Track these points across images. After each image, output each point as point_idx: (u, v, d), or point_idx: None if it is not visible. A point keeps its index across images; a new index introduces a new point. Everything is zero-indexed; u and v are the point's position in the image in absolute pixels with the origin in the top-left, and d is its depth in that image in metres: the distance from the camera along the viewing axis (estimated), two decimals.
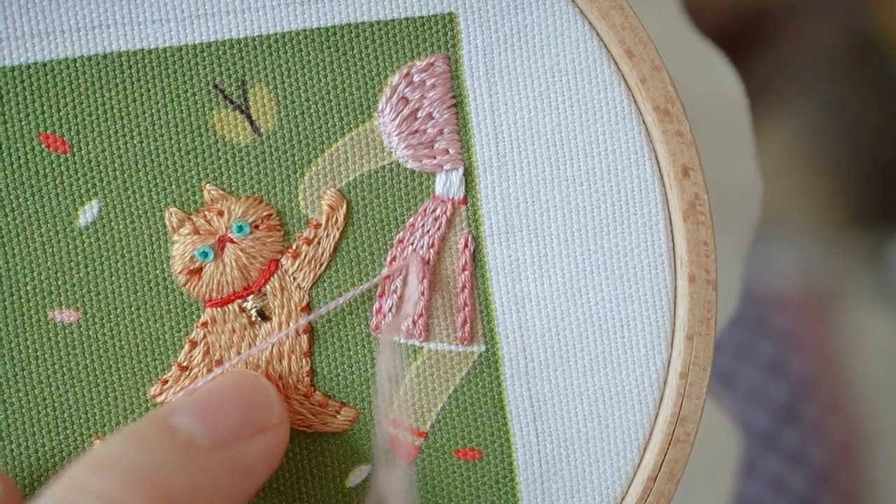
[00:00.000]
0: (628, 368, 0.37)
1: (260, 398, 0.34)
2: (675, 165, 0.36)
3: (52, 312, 0.36)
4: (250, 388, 0.34)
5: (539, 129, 0.36)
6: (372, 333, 0.37)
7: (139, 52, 0.35)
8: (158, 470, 0.30)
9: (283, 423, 0.34)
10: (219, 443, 0.32)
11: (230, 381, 0.35)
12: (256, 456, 0.33)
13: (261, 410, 0.34)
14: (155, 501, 0.29)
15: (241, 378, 0.35)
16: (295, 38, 0.36)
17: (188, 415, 0.33)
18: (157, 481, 0.30)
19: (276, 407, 0.34)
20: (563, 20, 0.36)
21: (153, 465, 0.30)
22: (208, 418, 0.33)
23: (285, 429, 0.34)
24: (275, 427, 0.34)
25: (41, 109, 0.35)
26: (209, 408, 0.33)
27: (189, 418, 0.32)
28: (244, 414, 0.33)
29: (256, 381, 0.35)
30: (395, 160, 0.36)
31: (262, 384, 0.35)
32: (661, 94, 0.36)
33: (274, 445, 0.34)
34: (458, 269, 0.37)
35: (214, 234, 0.36)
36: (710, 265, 0.36)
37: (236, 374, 0.36)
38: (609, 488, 0.37)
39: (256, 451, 0.33)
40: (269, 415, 0.34)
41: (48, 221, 0.36)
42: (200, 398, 0.33)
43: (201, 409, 0.33)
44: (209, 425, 0.32)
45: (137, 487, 0.29)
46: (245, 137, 0.36)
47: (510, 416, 0.37)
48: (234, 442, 0.32)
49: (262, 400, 0.34)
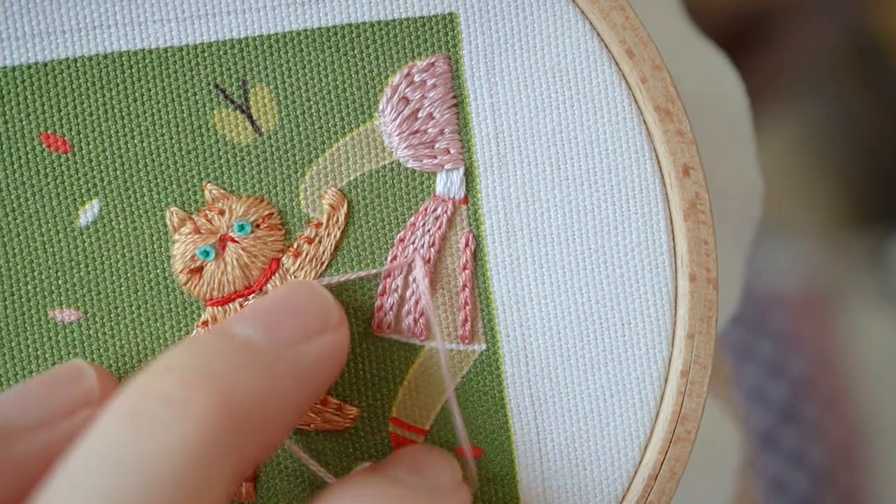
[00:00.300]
0: (629, 367, 0.37)
1: (317, 301, 0.34)
2: (675, 165, 0.36)
3: (52, 311, 0.36)
4: (306, 292, 0.34)
5: (540, 128, 0.36)
6: (373, 332, 0.37)
7: (140, 52, 0.36)
8: (221, 370, 0.30)
9: (343, 325, 0.34)
10: (278, 344, 0.32)
11: (285, 289, 0.35)
12: (318, 356, 0.33)
13: (318, 313, 0.34)
14: (219, 397, 0.29)
15: (296, 285, 0.35)
16: (296, 38, 0.36)
17: (247, 322, 0.33)
18: (220, 379, 0.30)
19: (333, 310, 0.34)
20: (563, 20, 0.36)
21: (215, 366, 0.30)
22: (266, 323, 0.33)
23: (345, 331, 0.34)
24: (334, 328, 0.34)
25: (42, 109, 0.35)
26: (266, 313, 0.33)
27: (248, 325, 0.33)
28: (301, 316, 0.33)
29: (311, 287, 0.35)
30: (395, 160, 0.36)
31: (317, 289, 0.35)
32: (661, 94, 0.36)
33: (335, 346, 0.34)
34: (459, 268, 0.37)
35: (215, 233, 0.36)
36: (710, 264, 0.36)
37: (292, 283, 0.36)
38: (610, 486, 0.37)
39: (317, 352, 0.33)
40: (328, 317, 0.34)
41: (49, 221, 0.36)
42: (257, 306, 0.34)
43: (258, 315, 0.33)
44: (268, 329, 0.33)
45: (200, 385, 0.30)
46: (246, 137, 0.36)
47: (511, 414, 0.37)
48: (293, 343, 0.33)
49: (318, 303, 0.34)
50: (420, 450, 0.36)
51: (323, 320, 0.34)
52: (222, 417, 0.29)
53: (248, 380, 0.31)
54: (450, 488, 0.35)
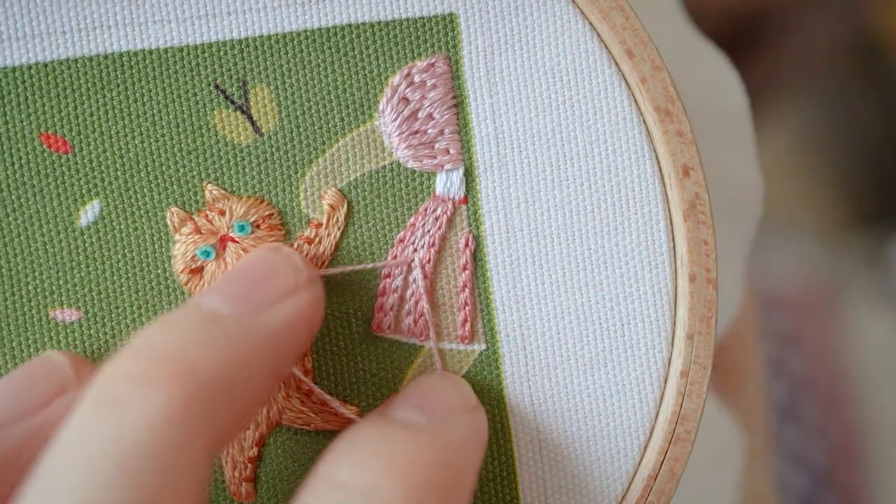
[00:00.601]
0: (629, 367, 0.37)
1: (284, 262, 0.34)
2: (675, 165, 0.36)
3: (53, 311, 0.36)
4: (272, 255, 0.34)
5: (539, 129, 0.36)
6: (372, 332, 0.37)
7: (140, 53, 0.36)
8: (185, 345, 0.30)
9: (313, 283, 0.34)
10: (245, 312, 0.32)
11: (252, 254, 0.35)
12: (287, 319, 0.33)
13: (286, 273, 0.34)
14: (184, 373, 0.30)
15: (262, 249, 0.35)
16: (296, 38, 0.36)
17: (214, 293, 0.33)
18: (184, 354, 0.30)
19: (301, 267, 0.34)
20: (563, 21, 0.36)
21: (180, 342, 0.31)
22: (232, 291, 0.33)
23: (317, 289, 0.34)
24: (305, 286, 0.34)
25: (42, 110, 0.36)
26: (232, 281, 0.33)
27: (214, 296, 0.33)
28: (268, 280, 0.33)
29: (278, 249, 0.35)
30: (395, 160, 0.36)
31: (282, 248, 0.35)
32: (661, 94, 0.36)
33: (307, 306, 0.33)
34: (459, 268, 0.37)
35: (216, 233, 0.36)
36: (710, 264, 0.36)
37: (259, 247, 0.36)
38: (610, 486, 0.37)
39: (287, 314, 0.33)
40: (296, 275, 0.34)
41: (49, 221, 0.36)
42: (225, 275, 0.34)
43: (224, 283, 0.33)
44: (234, 297, 0.32)
45: (165, 363, 0.30)
46: (246, 137, 0.36)
47: (511, 414, 0.37)
48: (261, 309, 0.32)
49: (284, 263, 0.34)
50: (425, 382, 0.36)
51: (292, 279, 0.33)
52: (188, 393, 0.29)
53: (214, 352, 0.31)
54: (459, 414, 0.35)
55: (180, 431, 0.29)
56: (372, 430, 0.33)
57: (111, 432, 0.29)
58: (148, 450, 0.28)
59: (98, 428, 0.29)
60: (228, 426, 0.31)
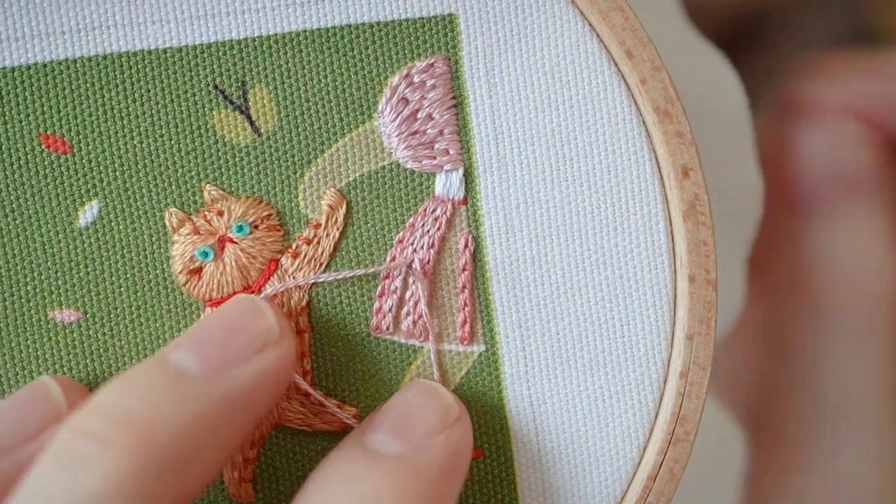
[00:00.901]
0: (628, 368, 0.37)
1: (254, 316, 0.34)
2: (675, 166, 0.36)
3: (52, 312, 0.36)
4: (243, 308, 0.34)
5: (539, 129, 0.36)
6: (371, 333, 0.37)
7: (139, 53, 0.36)
8: (146, 404, 0.31)
9: (285, 338, 0.34)
10: (210, 369, 0.32)
11: (225, 307, 0.35)
12: (255, 377, 0.32)
13: (256, 330, 0.33)
14: (140, 435, 0.30)
15: (235, 301, 0.35)
16: (295, 38, 0.36)
17: (182, 347, 0.33)
18: (143, 415, 0.30)
19: (273, 323, 0.34)
20: (562, 21, 0.36)
21: (140, 401, 0.31)
22: (199, 345, 0.32)
23: (287, 344, 0.34)
24: (275, 344, 0.33)
25: (41, 110, 0.35)
26: (200, 335, 0.33)
27: (182, 352, 0.32)
28: (236, 335, 0.33)
29: (249, 301, 0.34)
30: (394, 161, 0.36)
31: (255, 303, 0.34)
32: (660, 95, 0.36)
33: (275, 363, 0.33)
34: (458, 269, 0.37)
35: (214, 234, 0.36)
36: (709, 265, 0.36)
37: (232, 299, 0.35)
38: (609, 487, 0.37)
39: (254, 373, 0.32)
40: (268, 332, 0.33)
41: (48, 222, 0.36)
42: (194, 329, 0.34)
43: (193, 338, 0.33)
44: (199, 352, 0.32)
45: (122, 423, 0.30)
46: (245, 138, 0.36)
47: (510, 416, 0.37)
48: (227, 365, 0.32)
49: (256, 318, 0.34)
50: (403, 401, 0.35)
51: (262, 336, 0.33)
52: (146, 455, 0.30)
53: (175, 413, 0.31)
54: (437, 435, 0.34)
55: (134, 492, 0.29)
56: (344, 466, 0.33)
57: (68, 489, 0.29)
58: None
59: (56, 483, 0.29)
60: (188, 486, 0.31)
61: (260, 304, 0.34)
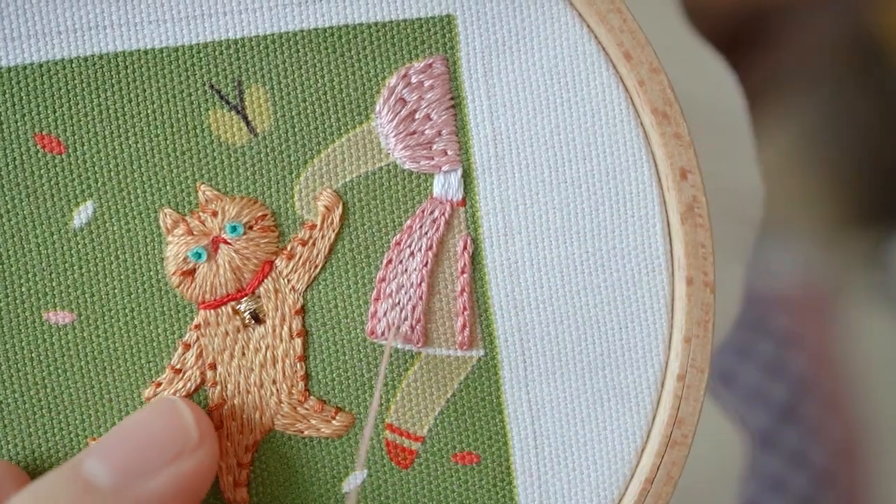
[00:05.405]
0: (626, 371, 0.37)
1: (171, 423, 0.33)
2: (673, 168, 0.36)
3: (46, 313, 0.36)
4: (160, 415, 0.33)
5: (537, 130, 0.36)
6: (367, 338, 0.37)
7: (135, 53, 0.35)
8: None
9: (205, 443, 0.33)
10: (122, 480, 0.31)
11: (139, 413, 0.34)
12: (169, 485, 0.32)
13: (171, 439, 0.33)
14: None
15: (150, 407, 0.34)
16: (292, 38, 0.36)
17: (96, 456, 0.32)
18: None
19: (191, 431, 0.33)
20: (561, 22, 0.36)
21: None
22: (112, 456, 0.32)
23: (207, 450, 0.33)
24: (192, 452, 0.33)
25: (37, 110, 0.35)
26: (114, 445, 0.32)
27: (96, 460, 0.32)
28: (152, 444, 0.32)
29: (167, 406, 0.34)
30: (392, 161, 0.36)
31: (173, 407, 0.34)
32: (659, 97, 0.36)
33: (192, 471, 0.33)
34: (457, 272, 0.37)
35: (208, 234, 0.36)
36: (707, 268, 0.36)
37: (151, 403, 0.35)
38: (606, 490, 0.37)
39: (169, 481, 0.32)
40: (185, 439, 0.33)
41: (43, 222, 0.36)
42: (109, 436, 0.33)
43: (107, 448, 0.32)
44: (111, 462, 0.32)
45: None
46: (241, 138, 0.36)
47: (508, 420, 0.37)
48: (140, 476, 0.32)
49: (173, 425, 0.33)
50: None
51: (178, 445, 0.33)
52: None
53: None
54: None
55: None
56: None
57: None
58: None
59: None
60: None
61: (180, 407, 0.34)
